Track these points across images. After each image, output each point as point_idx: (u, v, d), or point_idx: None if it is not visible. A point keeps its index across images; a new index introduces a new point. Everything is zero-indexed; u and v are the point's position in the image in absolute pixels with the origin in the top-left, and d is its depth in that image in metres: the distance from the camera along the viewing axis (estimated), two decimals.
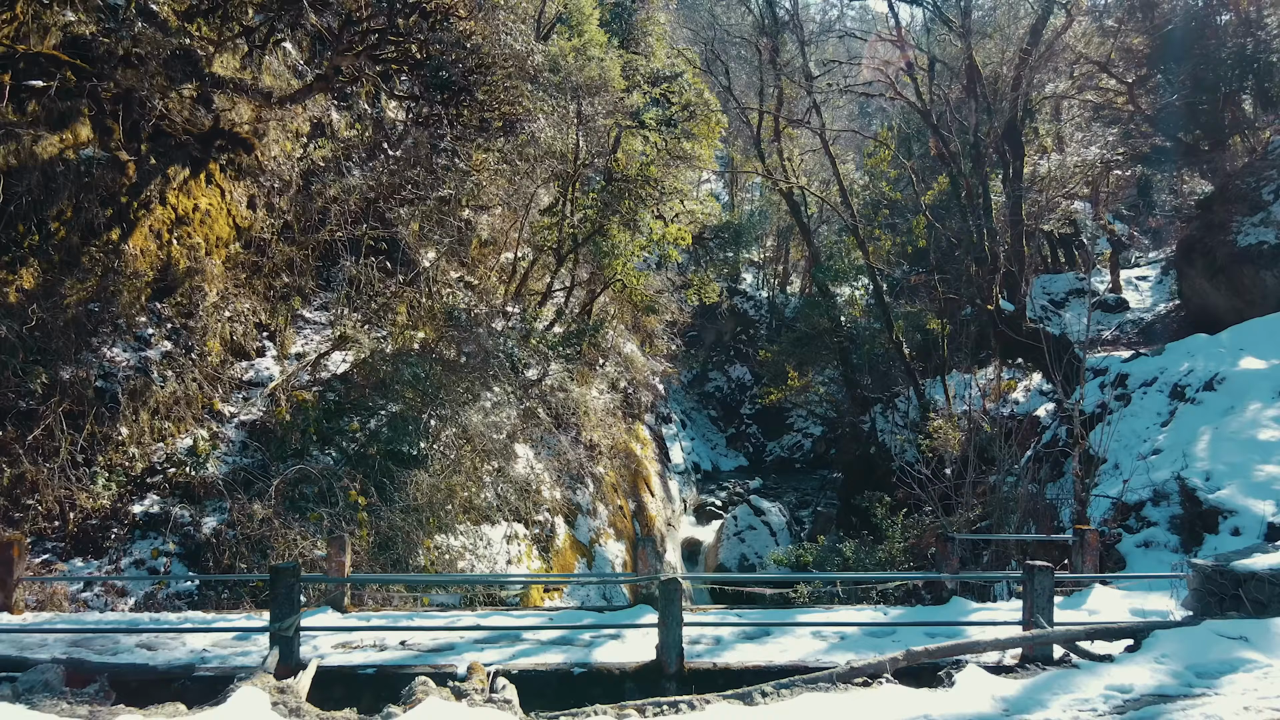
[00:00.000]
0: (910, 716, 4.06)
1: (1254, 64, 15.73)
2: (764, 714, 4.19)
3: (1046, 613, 5.62)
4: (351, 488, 10.38)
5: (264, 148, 13.58)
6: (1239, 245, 16.33)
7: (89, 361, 10.05)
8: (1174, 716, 4.02)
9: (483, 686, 4.51)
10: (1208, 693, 4.24)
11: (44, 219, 10.28)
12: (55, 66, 10.18)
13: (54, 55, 10.14)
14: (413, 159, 15.79)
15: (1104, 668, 4.71)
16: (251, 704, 3.95)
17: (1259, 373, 10.60)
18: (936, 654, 4.93)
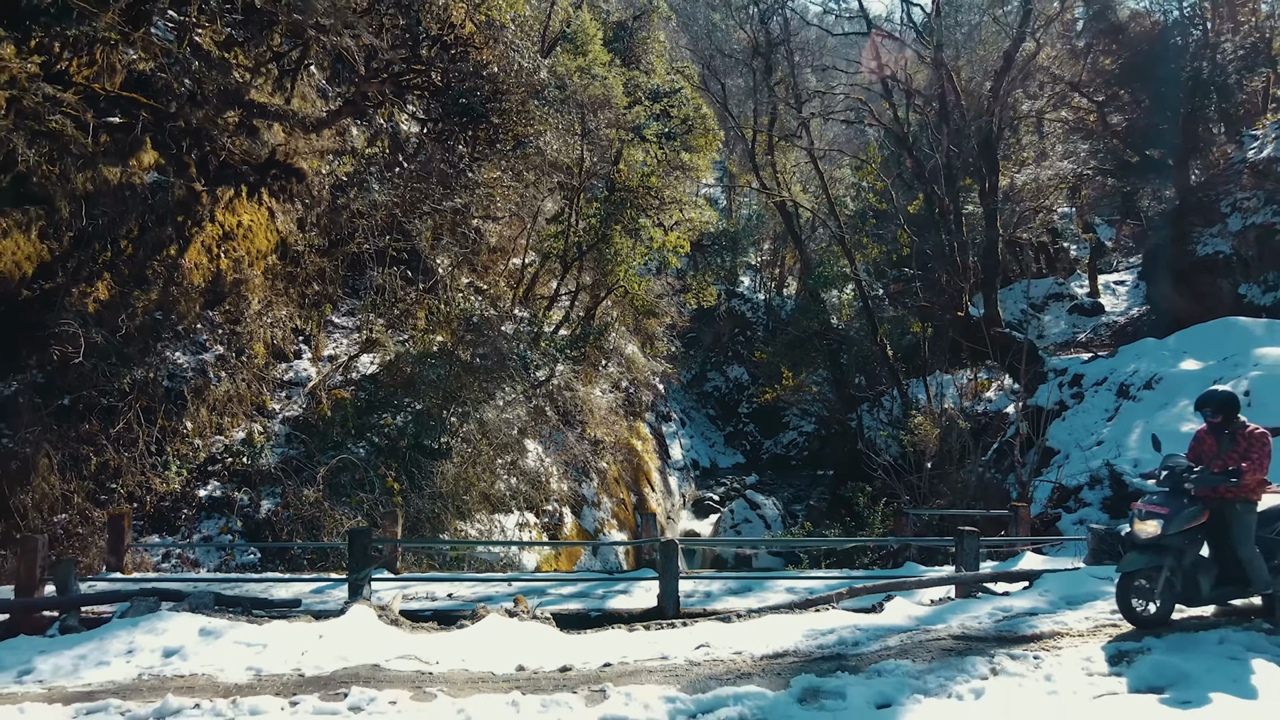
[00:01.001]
0: (844, 625, 5.60)
1: (1210, 86, 17.26)
2: (738, 628, 5.73)
3: (972, 567, 7.16)
4: (388, 475, 11.92)
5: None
6: (1198, 255, 17.88)
7: (156, 364, 11.57)
8: (1033, 621, 5.58)
9: (527, 612, 6.03)
10: (1066, 611, 5.79)
11: (115, 238, 11.80)
12: (124, 102, 11.70)
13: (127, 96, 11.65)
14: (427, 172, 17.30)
15: (999, 599, 6.26)
16: (363, 617, 5.48)
17: (1192, 372, 12.13)
18: (874, 589, 6.47)
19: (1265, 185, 17.00)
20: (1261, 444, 5.40)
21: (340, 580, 7.60)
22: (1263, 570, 5.37)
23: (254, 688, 4.40)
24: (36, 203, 10.78)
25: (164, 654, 4.80)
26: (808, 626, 5.70)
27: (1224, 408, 5.63)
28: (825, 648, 5.26)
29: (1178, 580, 5.40)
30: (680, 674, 4.87)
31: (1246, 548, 5.36)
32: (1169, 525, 5.33)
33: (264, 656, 4.81)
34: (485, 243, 21.28)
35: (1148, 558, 5.38)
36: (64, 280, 11.15)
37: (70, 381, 10.49)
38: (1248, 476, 5.31)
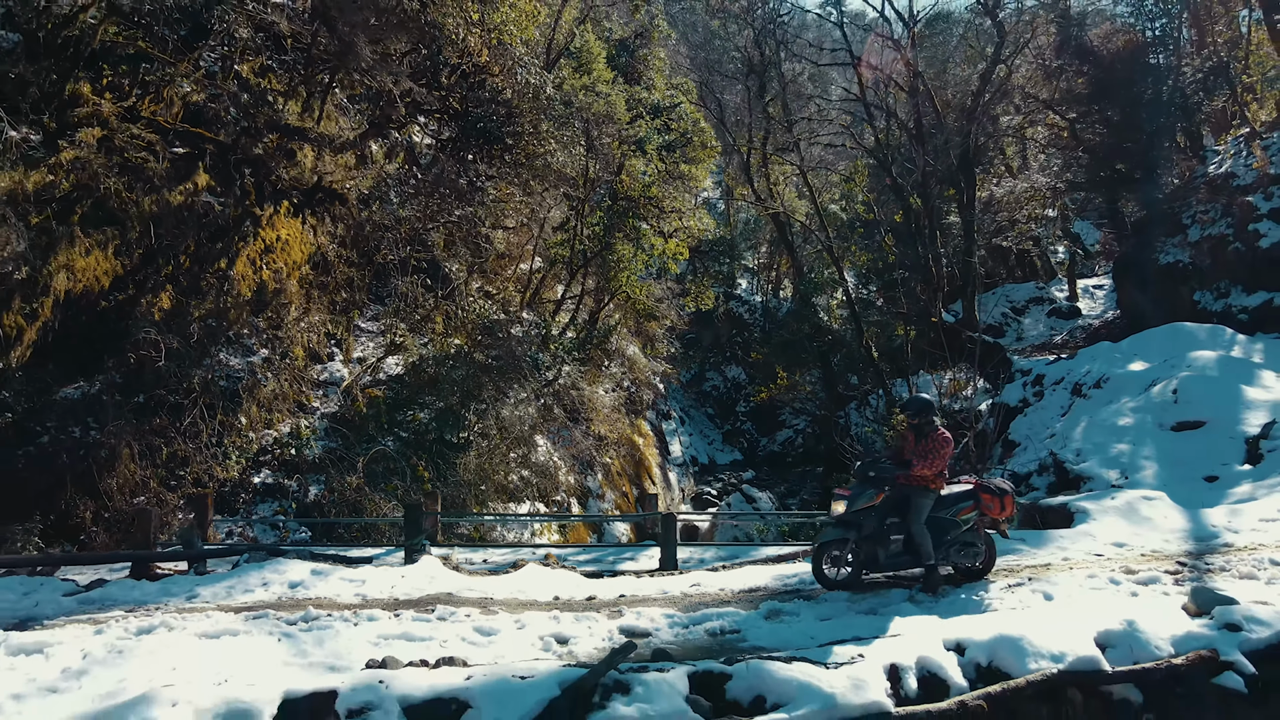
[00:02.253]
0: (804, 572, 7.31)
1: (1172, 106, 18.97)
2: (723, 574, 7.44)
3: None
4: (419, 465, 13.63)
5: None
6: (1160, 263, 19.59)
7: (213, 366, 13.28)
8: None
9: (556, 564, 7.74)
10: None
11: (176, 253, 13.50)
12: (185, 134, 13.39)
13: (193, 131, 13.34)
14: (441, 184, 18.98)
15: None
16: (431, 565, 7.19)
17: (1136, 373, 13.85)
18: None
19: (1220, 199, 18.72)
20: (940, 444, 6.81)
21: (395, 549, 9.30)
22: (928, 545, 6.76)
23: (365, 605, 6.11)
24: (112, 224, 12.48)
25: (289, 585, 6.51)
26: (777, 573, 7.42)
27: (919, 412, 7.07)
28: (788, 586, 6.97)
29: (861, 550, 6.83)
30: (677, 601, 6.59)
31: (918, 527, 6.78)
32: (850, 505, 6.80)
33: (365, 588, 6.52)
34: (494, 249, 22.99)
35: (838, 532, 6.83)
36: (134, 292, 12.87)
37: (144, 382, 12.20)
38: (916, 470, 6.75)
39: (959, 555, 7.01)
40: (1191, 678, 5.43)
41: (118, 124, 11.66)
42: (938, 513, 6.90)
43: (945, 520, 6.90)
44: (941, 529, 6.87)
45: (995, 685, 5.22)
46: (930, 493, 6.88)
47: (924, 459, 6.79)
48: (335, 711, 4.49)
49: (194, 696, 4.44)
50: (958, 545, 6.94)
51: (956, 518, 6.93)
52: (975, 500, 6.97)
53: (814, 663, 5.24)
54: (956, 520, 6.92)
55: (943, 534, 6.87)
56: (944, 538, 6.88)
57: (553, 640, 5.63)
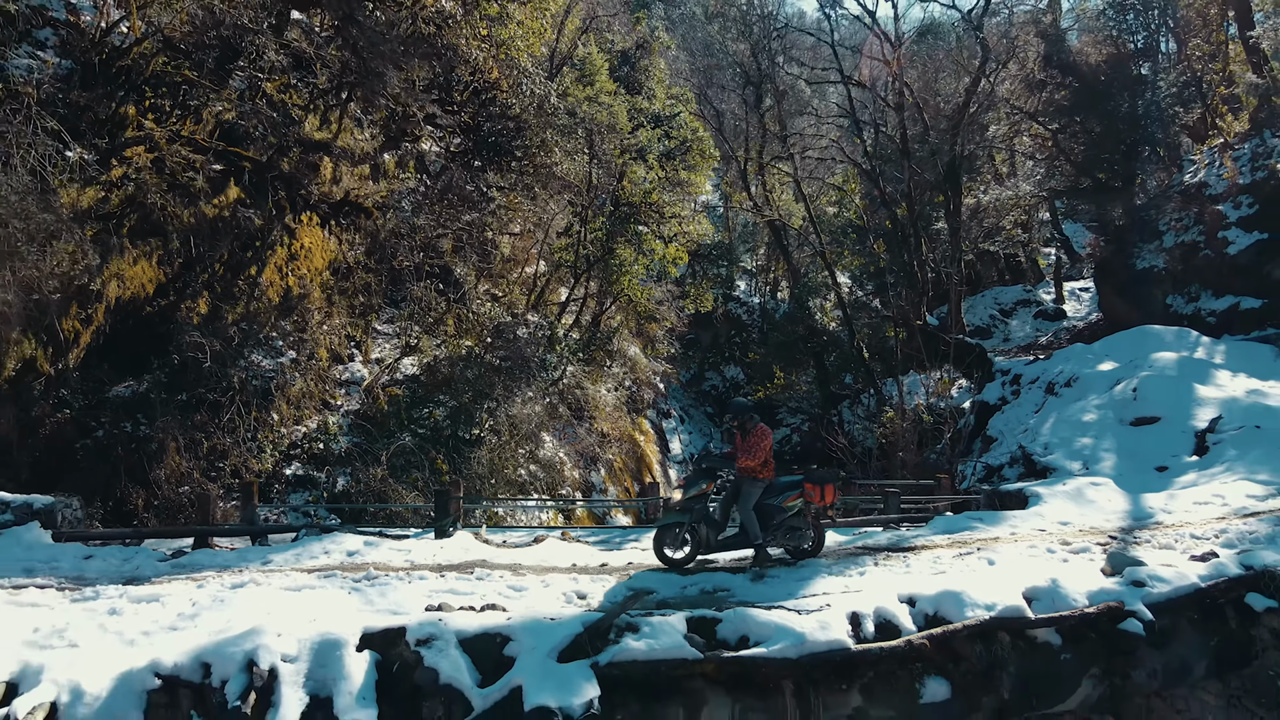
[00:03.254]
0: None
1: (1148, 119, 20.22)
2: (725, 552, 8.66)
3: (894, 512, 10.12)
4: (438, 458, 14.86)
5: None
6: (1137, 268, 20.86)
7: (246, 366, 14.50)
8: (915, 541, 8.53)
9: (572, 539, 8.97)
10: (937, 535, 8.75)
11: (211, 261, 14.73)
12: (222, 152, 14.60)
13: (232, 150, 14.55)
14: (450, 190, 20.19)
15: (900, 531, 9.21)
16: (465, 538, 8.42)
17: (1104, 372, 15.10)
18: None
19: (1193, 207, 19.96)
20: (759, 438, 7.87)
21: (424, 531, 10.51)
22: (756, 528, 7.78)
23: (414, 569, 7.35)
24: (155, 235, 13.71)
25: (348, 553, 7.74)
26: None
27: (739, 414, 8.17)
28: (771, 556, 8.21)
29: (697, 532, 7.88)
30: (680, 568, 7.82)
31: (746, 512, 7.87)
32: (686, 493, 7.97)
33: (411, 555, 7.76)
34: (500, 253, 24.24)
35: (676, 516, 7.96)
36: (175, 298, 14.10)
37: (187, 381, 13.43)
38: (740, 462, 7.86)
39: (786, 538, 8.02)
40: (1100, 623, 6.68)
41: (166, 145, 12.85)
42: (767, 499, 7.92)
43: (773, 506, 7.92)
44: (769, 514, 7.89)
45: (937, 628, 6.46)
46: (759, 482, 7.90)
47: (748, 453, 7.91)
48: (405, 641, 5.73)
49: (293, 630, 5.68)
50: (785, 529, 7.95)
51: (783, 504, 7.91)
52: (800, 489, 7.95)
53: (790, 610, 6.48)
54: (783, 506, 7.91)
55: (770, 518, 7.90)
56: (771, 521, 7.90)
57: (574, 595, 6.86)
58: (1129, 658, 6.74)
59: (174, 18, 13.17)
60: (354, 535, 8.27)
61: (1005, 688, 6.50)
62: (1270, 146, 19.26)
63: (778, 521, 7.92)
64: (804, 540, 8.08)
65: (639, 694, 5.95)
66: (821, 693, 6.30)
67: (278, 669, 5.40)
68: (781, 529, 7.96)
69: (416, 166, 21.81)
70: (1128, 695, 6.78)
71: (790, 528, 7.99)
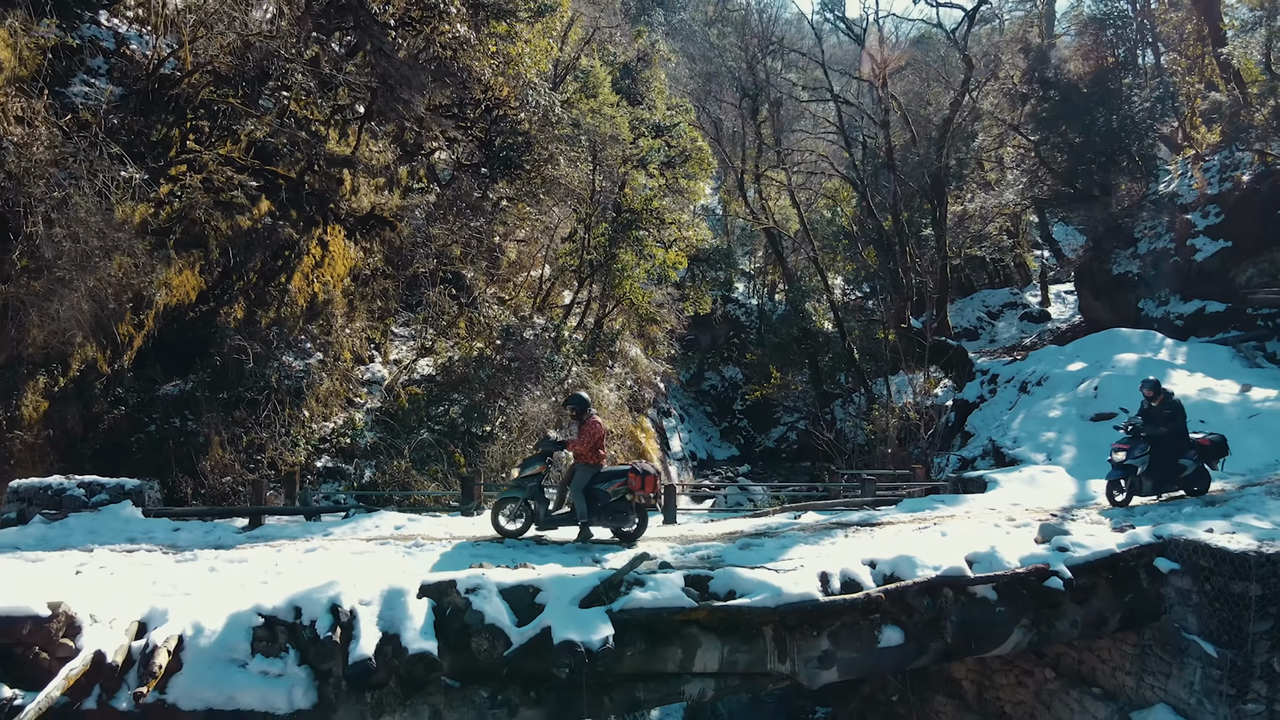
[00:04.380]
0: (775, 521, 9.99)
1: (1121, 135, 21.67)
2: (711, 524, 10.13)
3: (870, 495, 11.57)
4: (456, 452, 16.30)
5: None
6: (1113, 273, 22.30)
7: (278, 367, 15.93)
8: (882, 519, 9.98)
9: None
10: (902, 514, 10.19)
11: (246, 269, 16.16)
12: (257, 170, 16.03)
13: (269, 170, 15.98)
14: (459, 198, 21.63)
15: (871, 511, 10.66)
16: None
17: (1072, 372, 16.53)
18: (796, 508, 10.86)
19: (1165, 216, 21.41)
20: (590, 429, 9.26)
21: (452, 513, 11.96)
22: (582, 507, 9.02)
23: (453, 539, 8.79)
24: (197, 247, 15.15)
25: (395, 527, 9.18)
26: (754, 523, 10.11)
27: (572, 405, 9.55)
28: (759, 529, 9.66)
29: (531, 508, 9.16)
30: (676, 540, 9.27)
31: (575, 493, 9.07)
32: (522, 472, 9.32)
33: (450, 528, 9.20)
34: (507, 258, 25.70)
35: (512, 493, 9.22)
36: (214, 305, 15.54)
37: (227, 380, 14.87)
38: (570, 447, 9.27)
39: (609, 519, 9.18)
40: (1029, 582, 8.12)
41: (213, 166, 14.29)
42: (596, 485, 9.17)
43: (600, 490, 9.16)
44: (594, 497, 9.14)
45: (892, 585, 7.91)
46: (589, 468, 9.16)
47: (579, 440, 9.27)
48: (456, 590, 7.17)
49: (365, 582, 7.13)
50: (609, 512, 9.14)
51: (608, 490, 9.13)
52: (625, 478, 9.12)
53: (769, 570, 7.92)
54: (608, 492, 9.11)
55: (595, 501, 9.14)
56: (596, 504, 9.13)
57: (591, 558, 8.30)
58: (1054, 610, 8.19)
59: (219, 50, 14.59)
60: (398, 513, 9.71)
61: (949, 634, 7.95)
62: (1237, 159, 20.70)
63: (603, 504, 9.14)
64: (627, 523, 9.26)
65: (645, 635, 7.39)
66: (796, 637, 7.74)
67: (356, 611, 6.84)
68: (606, 511, 9.16)
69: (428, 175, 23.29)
70: (1052, 641, 8.22)
71: (614, 511, 9.19)
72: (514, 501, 9.26)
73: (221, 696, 6.52)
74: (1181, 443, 10.71)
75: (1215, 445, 10.87)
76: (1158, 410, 10.68)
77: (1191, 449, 10.78)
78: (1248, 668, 7.82)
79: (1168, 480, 10.74)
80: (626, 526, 9.34)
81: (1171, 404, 10.73)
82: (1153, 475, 10.60)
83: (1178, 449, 10.70)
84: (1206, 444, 10.85)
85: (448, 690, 7.05)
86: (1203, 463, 10.88)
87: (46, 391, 12.60)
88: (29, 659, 6.22)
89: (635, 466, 9.35)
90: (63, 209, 11.84)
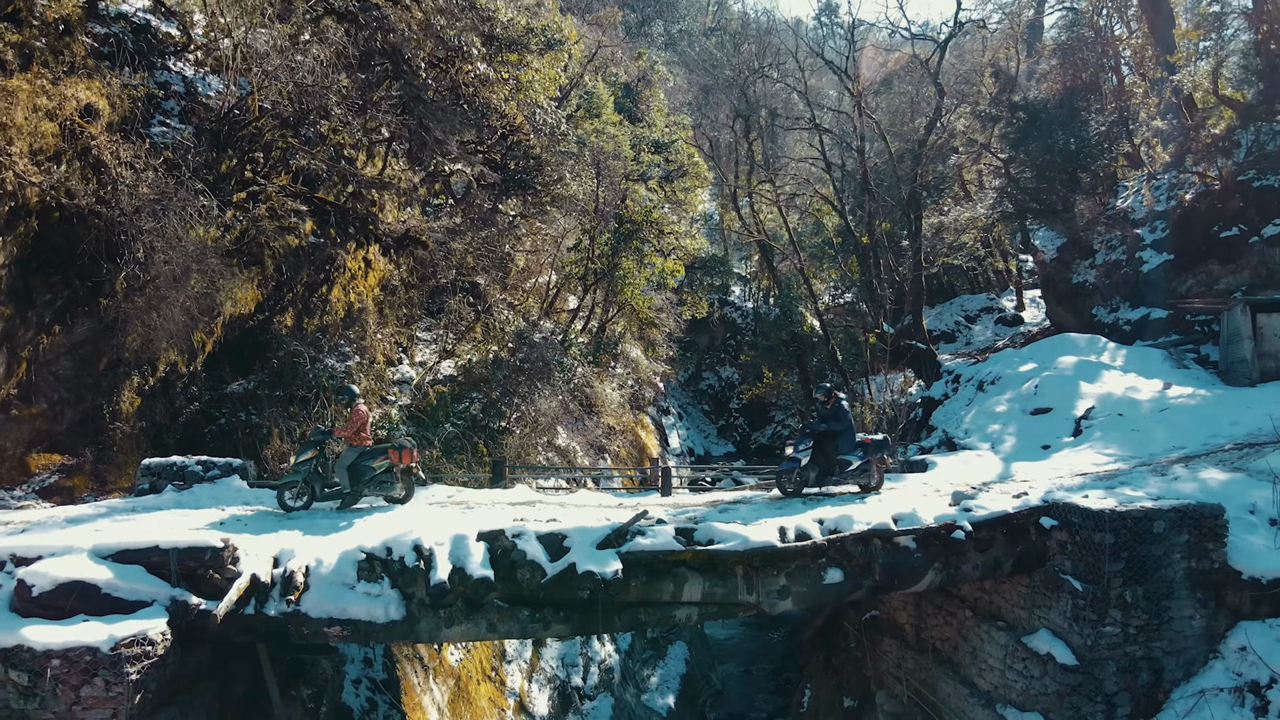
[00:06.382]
0: (751, 495, 12.72)
1: (1080, 156, 24.41)
2: (698, 497, 12.86)
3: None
4: (479, 443, 19.03)
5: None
6: (1073, 282, 25.02)
7: (324, 368, 18.65)
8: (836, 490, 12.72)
9: (595, 489, 13.11)
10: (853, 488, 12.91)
11: (295, 282, 18.88)
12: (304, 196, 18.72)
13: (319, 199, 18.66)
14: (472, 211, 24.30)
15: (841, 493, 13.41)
16: (522, 487, 12.57)
17: (1021, 373, 19.24)
18: (771, 485, 13.57)
19: (1118, 230, 24.13)
20: (355, 417, 11.67)
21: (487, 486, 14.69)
22: (346, 481, 11.31)
23: (495, 504, 11.52)
24: (256, 264, 17.88)
25: (447, 495, 11.91)
26: (735, 495, 12.85)
27: (346, 397, 12.06)
28: (738, 501, 12.39)
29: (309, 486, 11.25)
30: (671, 506, 12.02)
31: (341, 470, 11.30)
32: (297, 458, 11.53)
33: (491, 496, 11.92)
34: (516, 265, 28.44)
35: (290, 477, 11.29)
36: (269, 314, 18.28)
37: (283, 380, 17.59)
38: (337, 432, 11.52)
39: (376, 489, 11.50)
40: (940, 534, 10.85)
41: (275, 196, 17.01)
42: (363, 461, 11.47)
43: (364, 466, 11.47)
44: (360, 472, 11.46)
45: (834, 535, 10.63)
46: (354, 448, 11.53)
47: (346, 426, 11.75)
48: (505, 535, 9.88)
49: (435, 529, 9.85)
50: (375, 482, 11.47)
51: (373, 464, 11.45)
52: (386, 454, 11.53)
53: (740, 525, 10.64)
54: (373, 466, 11.45)
55: (361, 476, 11.44)
56: (363, 478, 11.45)
57: (604, 517, 11.02)
58: (960, 556, 10.91)
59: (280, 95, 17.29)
60: (445, 486, 12.44)
61: (877, 574, 10.67)
62: (1182, 179, 23.43)
63: (369, 478, 11.49)
64: (392, 490, 11.56)
65: (645, 571, 10.11)
66: (760, 575, 10.46)
67: (433, 549, 9.56)
68: (375, 483, 11.51)
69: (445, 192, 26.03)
70: (959, 581, 10.97)
71: (380, 481, 11.53)
72: (294, 484, 11.29)
73: (337, 609, 9.24)
74: (847, 441, 12.44)
75: (876, 444, 12.63)
76: (830, 412, 12.56)
77: (858, 447, 12.55)
78: (1105, 598, 10.53)
79: (830, 472, 12.46)
80: (392, 493, 11.59)
81: (839, 407, 12.55)
82: (815, 467, 12.44)
83: (843, 446, 12.46)
84: (869, 442, 12.63)
85: (499, 609, 9.78)
86: (869, 458, 12.53)
87: (139, 390, 15.33)
88: (206, 578, 8.94)
89: (395, 443, 11.90)
90: (159, 236, 14.55)
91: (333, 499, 11.55)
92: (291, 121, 17.60)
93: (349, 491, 11.52)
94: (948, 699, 12.53)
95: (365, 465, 11.58)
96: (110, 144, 14.46)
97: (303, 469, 11.38)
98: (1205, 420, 15.40)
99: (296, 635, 9.17)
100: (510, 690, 16.56)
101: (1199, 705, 10.30)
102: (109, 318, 14.47)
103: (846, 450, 12.53)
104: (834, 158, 25.26)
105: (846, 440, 12.53)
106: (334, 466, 11.68)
